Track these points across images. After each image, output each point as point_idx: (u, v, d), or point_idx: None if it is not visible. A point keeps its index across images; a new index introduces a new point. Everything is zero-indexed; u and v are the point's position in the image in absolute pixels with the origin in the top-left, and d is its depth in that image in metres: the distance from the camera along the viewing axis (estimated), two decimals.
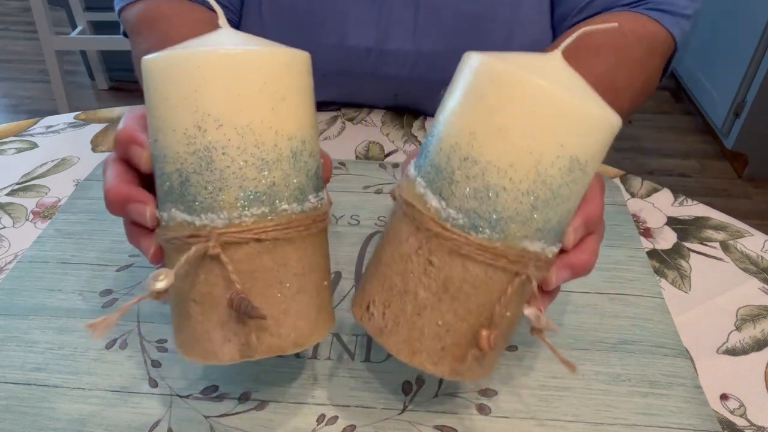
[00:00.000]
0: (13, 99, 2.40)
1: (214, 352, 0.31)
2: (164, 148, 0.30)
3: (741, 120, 1.95)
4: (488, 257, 0.29)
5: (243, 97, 0.29)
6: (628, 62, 0.56)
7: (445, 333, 0.31)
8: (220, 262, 0.30)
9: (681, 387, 0.39)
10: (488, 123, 0.29)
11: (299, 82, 0.31)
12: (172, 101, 0.29)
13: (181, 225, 0.30)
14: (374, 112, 0.71)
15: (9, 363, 0.40)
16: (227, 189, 0.29)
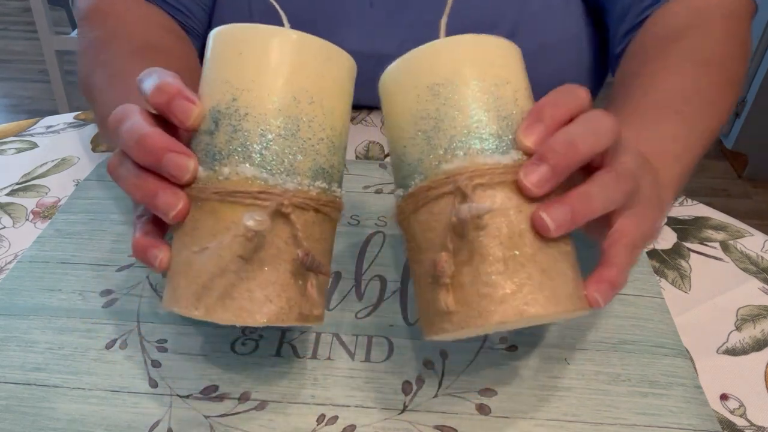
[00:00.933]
0: (13, 99, 2.40)
1: (250, 312, 0.31)
2: (249, 107, 0.32)
3: (741, 120, 1.95)
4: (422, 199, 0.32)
5: (336, 85, 0.34)
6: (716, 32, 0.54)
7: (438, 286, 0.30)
8: (283, 222, 0.31)
9: (681, 387, 0.39)
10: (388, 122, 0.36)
11: (353, 89, 0.37)
12: (271, 69, 0.32)
13: (250, 181, 0.31)
14: (374, 112, 0.71)
15: (9, 363, 0.40)
16: (305, 158, 0.32)
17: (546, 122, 0.31)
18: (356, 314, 0.44)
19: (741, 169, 2.02)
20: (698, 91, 0.50)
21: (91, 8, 0.60)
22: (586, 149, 0.30)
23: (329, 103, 0.33)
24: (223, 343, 0.42)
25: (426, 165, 0.32)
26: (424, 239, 0.32)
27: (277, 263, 0.31)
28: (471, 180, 0.30)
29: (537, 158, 0.30)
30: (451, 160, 0.31)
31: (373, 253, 0.50)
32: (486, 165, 0.30)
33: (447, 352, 0.41)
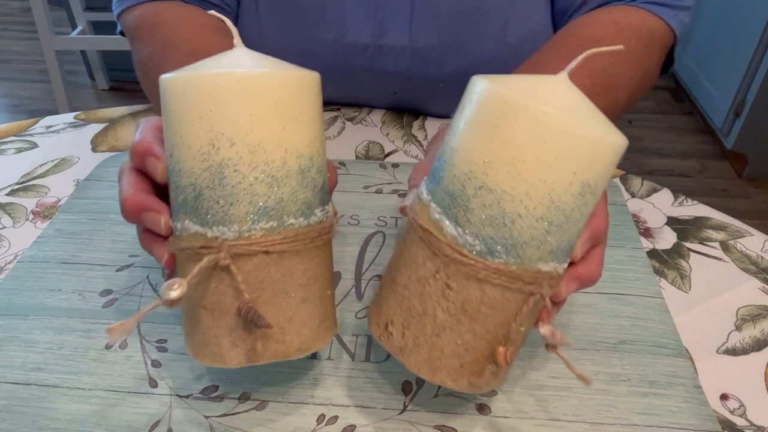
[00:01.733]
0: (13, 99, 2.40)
1: (222, 357, 0.32)
2: (179, 163, 0.32)
3: (741, 120, 1.95)
4: (504, 280, 0.30)
5: (255, 118, 0.31)
6: (626, 56, 0.56)
7: (464, 351, 0.32)
8: (230, 273, 0.31)
9: (681, 387, 0.39)
10: (502, 153, 0.29)
11: (309, 101, 0.33)
12: (188, 120, 0.31)
13: (194, 236, 0.32)
14: (374, 112, 0.71)
15: (9, 363, 0.40)
16: (238, 204, 0.31)
17: (594, 243, 0.35)
18: (356, 314, 0.44)
19: (741, 169, 2.02)
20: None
21: (138, 23, 0.60)
22: (601, 273, 0.36)
23: (255, 139, 0.31)
24: None
25: (528, 254, 0.30)
26: (479, 310, 0.31)
27: (231, 312, 0.32)
28: (549, 288, 0.32)
29: (575, 276, 0.34)
30: (547, 263, 0.31)
31: (373, 253, 0.50)
32: (558, 275, 0.32)
33: None
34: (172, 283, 0.30)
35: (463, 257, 0.30)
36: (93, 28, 2.19)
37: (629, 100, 0.57)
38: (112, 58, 2.33)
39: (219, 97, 0.30)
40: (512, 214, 0.29)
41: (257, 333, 0.32)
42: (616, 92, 0.55)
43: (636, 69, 0.57)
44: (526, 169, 0.29)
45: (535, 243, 0.30)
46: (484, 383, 0.33)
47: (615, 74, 0.55)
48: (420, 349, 0.32)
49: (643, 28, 0.57)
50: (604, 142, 0.30)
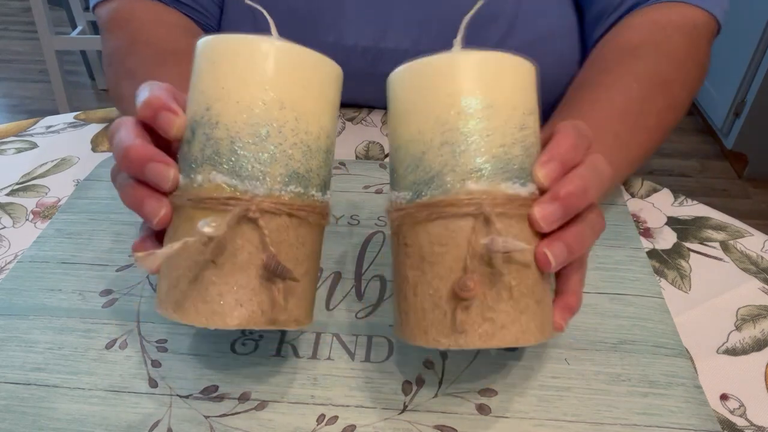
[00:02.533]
0: (13, 99, 2.40)
1: (222, 315, 0.31)
2: (219, 115, 0.32)
3: (741, 120, 1.95)
4: (438, 212, 0.32)
5: (306, 90, 0.33)
6: (672, 53, 0.55)
7: (440, 299, 0.32)
8: (252, 227, 0.31)
9: (681, 387, 0.39)
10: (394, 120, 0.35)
11: (338, 92, 0.36)
12: (241, 75, 0.32)
13: (220, 187, 0.32)
14: (374, 112, 0.71)
15: (9, 363, 0.40)
16: (275, 163, 0.32)
17: (562, 162, 0.33)
18: (356, 314, 0.44)
19: (741, 169, 2.02)
20: (639, 114, 0.52)
21: (111, 17, 0.61)
22: (593, 194, 0.34)
23: (302, 108, 0.33)
24: (223, 343, 0.42)
25: (449, 179, 0.32)
26: (433, 252, 0.32)
27: (248, 268, 0.32)
28: (494, 207, 0.31)
29: (552, 197, 0.32)
30: (477, 182, 0.31)
31: (373, 253, 0.50)
32: (507, 194, 0.32)
33: (447, 352, 0.41)
34: (210, 220, 0.30)
35: (401, 210, 0.33)
36: (93, 28, 2.19)
37: (688, 94, 0.57)
38: None
39: (281, 63, 0.32)
40: (418, 154, 0.33)
41: (263, 295, 0.32)
42: (672, 89, 0.55)
43: (684, 63, 0.56)
44: (406, 116, 0.34)
45: (449, 168, 0.32)
46: (474, 332, 0.31)
47: (662, 72, 0.54)
48: (409, 316, 0.33)
49: (685, 23, 0.57)
50: (466, 58, 0.32)
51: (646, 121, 0.53)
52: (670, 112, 0.55)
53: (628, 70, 0.54)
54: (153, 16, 0.60)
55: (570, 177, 0.33)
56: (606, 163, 0.35)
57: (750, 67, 1.88)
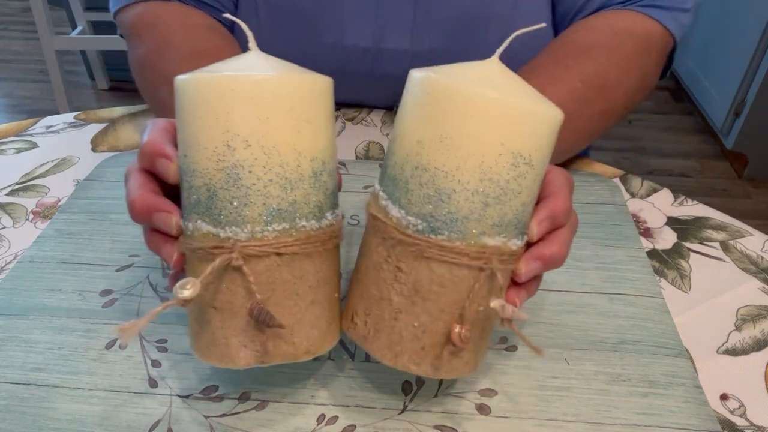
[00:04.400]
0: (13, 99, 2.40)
1: (230, 357, 0.33)
2: (193, 163, 0.32)
3: (741, 120, 1.95)
4: (450, 257, 0.31)
5: (271, 120, 0.31)
6: (621, 60, 0.56)
7: (422, 333, 0.32)
8: (241, 273, 0.31)
9: (681, 387, 0.39)
10: (431, 131, 0.31)
11: (322, 106, 0.33)
12: (204, 120, 0.31)
13: (206, 236, 0.32)
14: (374, 112, 0.71)
15: (9, 363, 0.40)
16: (252, 205, 0.31)
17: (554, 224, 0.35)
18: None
19: (741, 169, 2.01)
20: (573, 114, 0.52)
21: (136, 21, 0.61)
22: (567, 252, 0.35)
23: (270, 141, 0.31)
24: None
25: (470, 228, 0.31)
26: (430, 290, 0.32)
27: (243, 312, 0.32)
28: (500, 264, 0.32)
29: (537, 256, 0.34)
30: (493, 237, 0.31)
31: None
32: (511, 250, 0.32)
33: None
34: (185, 283, 0.30)
35: (408, 237, 0.31)
36: (93, 28, 2.19)
37: (627, 102, 0.58)
38: (112, 58, 2.33)
39: (236, 100, 0.31)
40: (447, 189, 0.31)
41: (267, 334, 0.32)
42: (612, 94, 0.56)
43: (631, 72, 0.57)
44: (453, 144, 0.30)
45: (474, 217, 0.31)
46: (446, 365, 0.33)
47: (608, 77, 0.55)
48: (380, 334, 0.33)
49: (638, 32, 0.58)
50: (530, 111, 0.31)
51: (579, 122, 0.54)
52: (603, 117, 0.56)
53: (577, 68, 0.55)
54: (178, 18, 0.60)
55: (555, 242, 0.35)
56: (576, 217, 0.37)
57: (750, 67, 1.88)
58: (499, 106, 0.30)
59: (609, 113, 0.57)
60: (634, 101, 0.59)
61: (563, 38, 0.60)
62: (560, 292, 0.46)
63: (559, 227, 0.35)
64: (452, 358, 0.33)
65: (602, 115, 0.56)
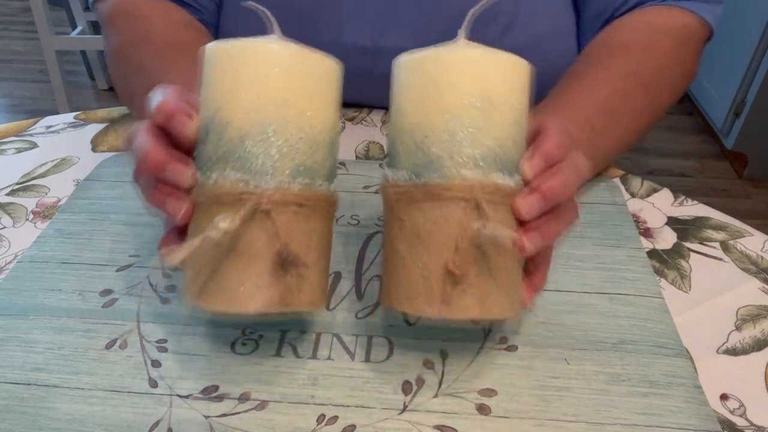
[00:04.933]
0: (13, 99, 2.41)
1: (241, 301, 0.34)
2: (228, 117, 0.34)
3: (741, 120, 1.95)
4: (435, 194, 0.34)
5: (306, 88, 0.35)
6: (661, 56, 0.57)
7: (429, 273, 0.35)
8: (264, 219, 0.34)
9: (681, 387, 0.39)
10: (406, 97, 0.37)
11: (339, 87, 0.38)
12: (246, 80, 0.34)
13: (234, 183, 0.34)
14: (374, 112, 0.71)
15: (9, 363, 0.40)
16: (283, 158, 0.34)
17: (547, 158, 0.36)
18: (356, 314, 0.44)
19: (741, 169, 2.02)
20: (619, 110, 0.54)
21: (114, 11, 0.61)
22: (572, 189, 0.37)
23: (304, 105, 0.35)
24: (223, 344, 0.42)
25: (447, 165, 0.34)
26: (426, 230, 0.35)
27: (263, 257, 0.34)
28: (485, 195, 0.34)
29: (535, 190, 0.36)
30: (472, 170, 0.34)
31: (373, 253, 0.50)
32: (497, 184, 0.34)
33: (447, 352, 0.41)
34: (224, 217, 0.33)
35: (398, 188, 0.36)
36: (93, 28, 2.19)
37: (671, 95, 0.59)
38: None
39: (281, 65, 0.34)
40: (419, 138, 0.35)
41: (279, 282, 0.34)
42: (654, 89, 0.56)
43: (671, 66, 0.58)
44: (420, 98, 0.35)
45: (447, 155, 0.34)
46: (458, 305, 0.34)
47: (649, 73, 0.56)
48: (398, 286, 0.36)
49: (676, 27, 0.58)
50: (482, 57, 0.35)
51: (624, 118, 0.55)
52: (649, 112, 0.57)
53: (616, 67, 0.56)
54: (156, 11, 0.61)
55: (552, 172, 0.36)
56: (584, 160, 0.38)
57: (750, 67, 1.88)
58: (452, 57, 0.35)
59: (654, 108, 0.57)
60: (677, 94, 0.60)
61: (600, 40, 0.60)
62: (560, 292, 0.46)
63: (554, 163, 0.37)
64: (462, 296, 0.34)
65: (647, 110, 0.57)
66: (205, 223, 0.34)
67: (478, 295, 0.35)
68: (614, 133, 0.54)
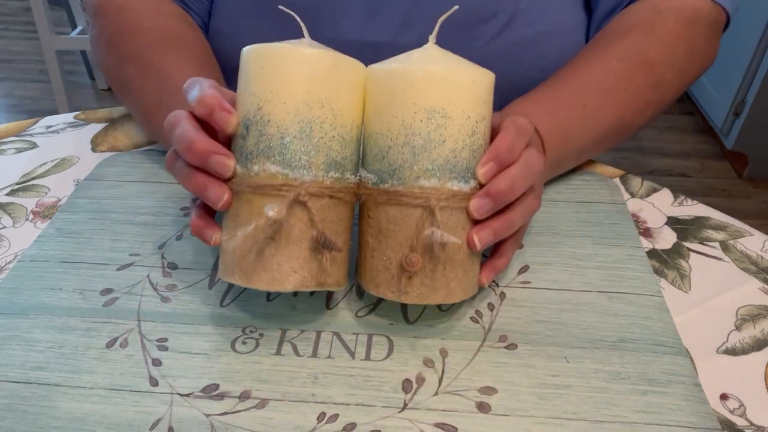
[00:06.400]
0: (13, 99, 2.41)
1: (280, 280, 0.38)
2: (270, 115, 0.38)
3: (741, 120, 1.95)
4: (396, 199, 0.39)
5: (341, 90, 0.39)
6: (663, 35, 0.57)
7: (390, 265, 0.40)
8: (303, 208, 0.38)
9: (680, 385, 0.39)
10: (371, 105, 0.40)
11: (363, 88, 0.41)
12: (287, 81, 0.38)
13: (274, 176, 0.38)
14: None
15: (10, 362, 0.40)
16: (318, 154, 0.38)
17: (499, 161, 0.39)
18: (356, 313, 0.44)
19: (741, 169, 2.02)
20: (614, 88, 0.55)
21: (103, 1, 0.61)
22: (521, 189, 0.40)
23: (338, 106, 0.38)
24: (224, 342, 0.42)
25: (406, 174, 0.39)
26: (388, 228, 0.39)
27: (300, 241, 0.38)
28: (439, 202, 0.38)
29: (485, 193, 0.39)
30: (428, 179, 0.38)
31: None
32: (452, 191, 0.39)
33: (447, 350, 0.41)
34: (273, 205, 0.36)
35: (367, 189, 0.40)
36: None
37: (678, 76, 0.58)
38: None
39: (319, 70, 0.38)
40: (384, 147, 0.39)
41: (313, 263, 0.38)
42: (655, 68, 0.56)
43: (675, 45, 0.57)
44: (382, 110, 0.39)
45: (407, 165, 0.38)
46: (417, 292, 0.39)
47: (649, 51, 0.56)
48: (366, 271, 0.41)
49: (684, 9, 0.58)
50: (436, 73, 0.38)
51: (620, 95, 0.55)
52: (651, 91, 0.57)
53: (614, 48, 0.56)
54: (148, 4, 0.61)
55: (501, 176, 0.39)
56: (539, 157, 0.41)
57: (750, 67, 1.88)
58: (409, 72, 0.38)
59: (657, 87, 0.57)
60: (687, 75, 0.59)
61: (607, 27, 0.60)
62: (560, 291, 0.46)
63: (508, 163, 0.40)
64: (419, 286, 0.39)
65: (649, 89, 0.56)
66: (246, 211, 0.38)
67: (432, 285, 0.39)
68: (608, 110, 0.54)
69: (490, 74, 0.40)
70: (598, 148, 0.57)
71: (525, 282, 0.47)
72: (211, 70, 0.58)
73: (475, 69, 0.40)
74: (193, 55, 0.58)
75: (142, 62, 0.56)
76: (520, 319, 0.44)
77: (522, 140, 0.41)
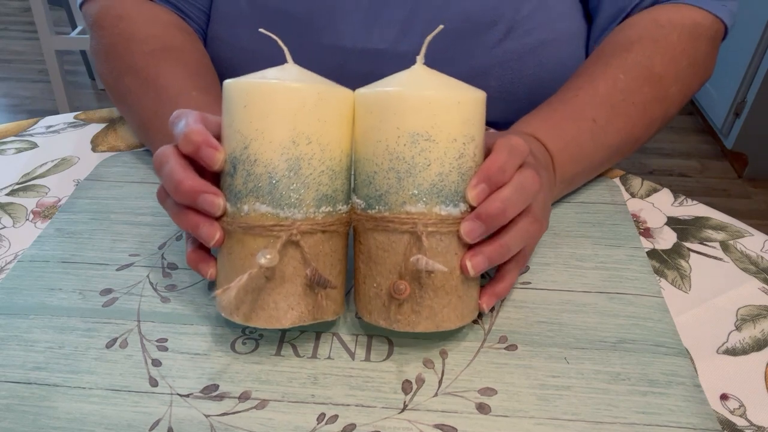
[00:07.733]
0: (13, 99, 2.41)
1: (277, 318, 0.38)
2: (256, 154, 0.37)
3: (741, 120, 1.95)
4: (383, 225, 0.38)
5: (327, 123, 0.38)
6: (666, 49, 0.57)
7: (381, 291, 0.39)
8: (294, 247, 0.37)
9: (680, 386, 0.39)
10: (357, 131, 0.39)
11: (352, 114, 0.40)
12: (271, 120, 0.37)
13: (264, 216, 0.37)
14: None
15: (9, 362, 0.40)
16: (308, 191, 0.37)
17: (491, 183, 0.38)
18: (356, 314, 0.44)
19: (741, 169, 2.02)
20: (621, 102, 0.54)
21: (101, 13, 0.62)
22: (513, 212, 0.39)
23: (325, 139, 0.38)
24: (224, 343, 0.42)
25: (392, 200, 0.38)
26: (378, 255, 0.39)
27: (294, 279, 0.38)
28: (426, 227, 0.37)
29: (475, 216, 0.38)
30: (414, 205, 0.37)
31: None
32: (440, 216, 0.37)
33: (447, 351, 0.41)
34: (265, 252, 0.36)
35: (356, 215, 0.39)
36: None
37: (681, 89, 0.58)
38: None
39: (303, 105, 0.37)
40: (370, 172, 0.38)
41: (308, 299, 0.38)
42: (660, 82, 0.56)
43: (678, 60, 0.57)
44: (367, 136, 0.38)
45: (393, 190, 0.37)
46: (408, 320, 0.38)
47: (653, 66, 0.56)
48: (359, 296, 0.41)
49: (685, 23, 0.58)
50: (418, 96, 0.37)
51: (628, 109, 0.55)
52: (657, 105, 0.57)
53: (619, 63, 0.56)
54: (145, 13, 0.61)
55: (492, 198, 0.38)
56: (534, 178, 0.39)
57: (750, 67, 1.88)
58: (390, 97, 0.37)
59: (663, 101, 0.57)
60: (689, 89, 0.60)
61: (607, 40, 0.60)
62: (560, 292, 0.46)
63: (499, 185, 0.38)
64: (410, 314, 0.38)
65: (655, 102, 0.57)
66: (238, 250, 0.38)
67: (424, 313, 0.38)
68: (617, 124, 0.54)
69: (479, 93, 0.39)
70: (608, 163, 0.57)
71: (525, 282, 0.47)
72: (208, 78, 0.58)
73: (462, 89, 0.38)
74: (189, 64, 0.58)
75: (139, 74, 0.56)
76: (520, 319, 0.44)
77: (515, 160, 0.39)
